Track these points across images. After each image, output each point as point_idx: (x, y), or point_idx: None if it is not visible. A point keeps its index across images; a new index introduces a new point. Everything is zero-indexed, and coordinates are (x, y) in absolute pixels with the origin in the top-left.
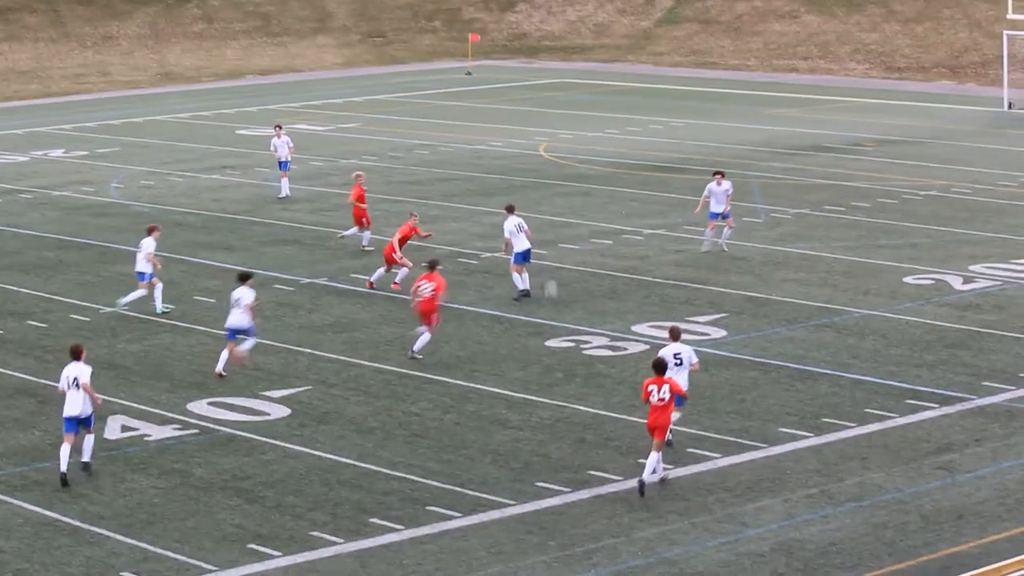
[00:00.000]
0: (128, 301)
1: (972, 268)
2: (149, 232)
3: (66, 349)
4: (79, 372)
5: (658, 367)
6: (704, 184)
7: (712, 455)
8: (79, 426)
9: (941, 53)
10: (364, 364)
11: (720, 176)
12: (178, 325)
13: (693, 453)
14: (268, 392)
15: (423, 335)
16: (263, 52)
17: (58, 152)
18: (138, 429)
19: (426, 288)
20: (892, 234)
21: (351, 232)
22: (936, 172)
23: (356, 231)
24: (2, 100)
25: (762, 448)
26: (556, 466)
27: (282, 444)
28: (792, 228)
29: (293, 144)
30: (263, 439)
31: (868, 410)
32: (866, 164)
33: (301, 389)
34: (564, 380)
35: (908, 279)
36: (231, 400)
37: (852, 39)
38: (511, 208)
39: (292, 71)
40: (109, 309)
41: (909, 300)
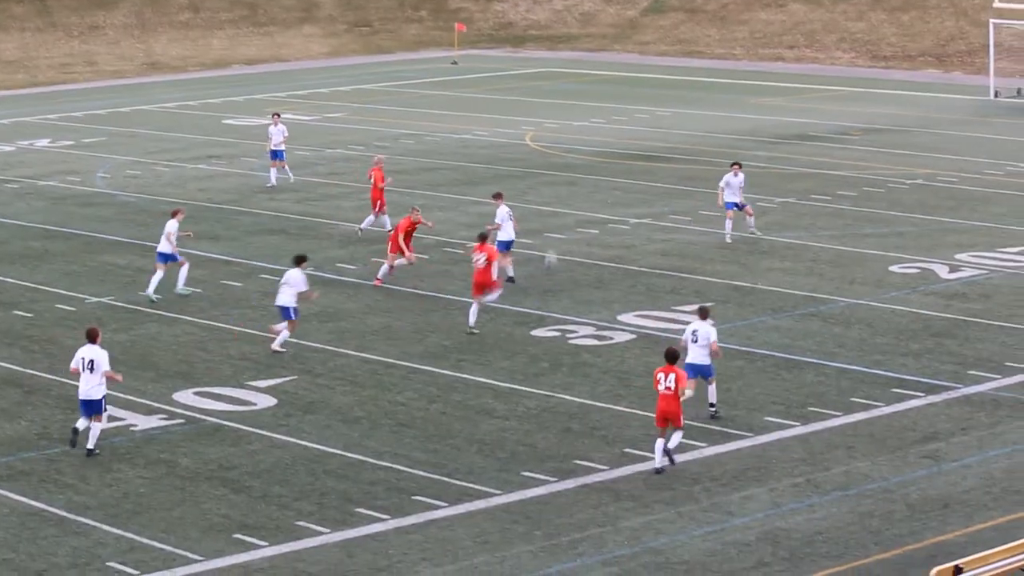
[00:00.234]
0: (183, 286)
1: (958, 257)
2: (173, 215)
3: (51, 339)
4: (95, 355)
5: (668, 356)
6: (685, 172)
7: (698, 444)
8: (89, 409)
9: (927, 41)
10: (350, 354)
11: (737, 167)
12: (164, 315)
13: (679, 442)
14: (254, 382)
15: (491, 296)
16: (249, 42)
17: (44, 142)
18: (124, 419)
19: (480, 260)
20: (878, 223)
21: (372, 220)
22: (922, 161)
23: (372, 219)
24: None
25: (748, 437)
26: (542, 455)
27: (268, 434)
28: (778, 217)
29: (288, 133)
30: (249, 429)
31: (854, 399)
32: (852, 153)
33: (287, 379)
34: (550, 370)
35: (894, 268)
36: (217, 390)
37: (838, 28)
38: (500, 196)
39: (278, 60)
40: (95, 299)
41: (895, 289)
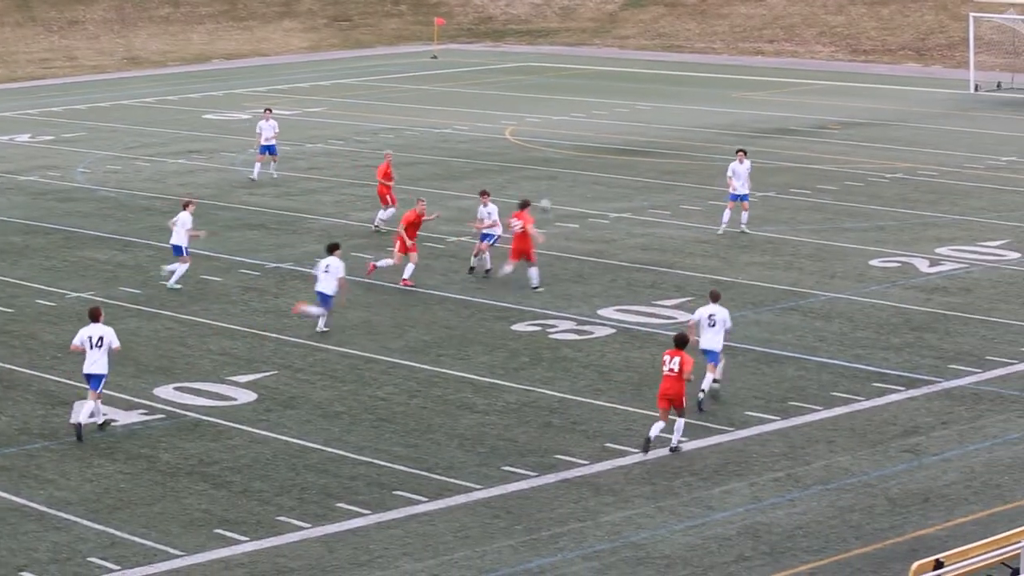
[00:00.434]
0: (174, 277)
1: (938, 251)
2: (184, 207)
3: (31, 335)
4: (103, 332)
5: (678, 341)
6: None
7: (679, 438)
8: (97, 383)
9: (907, 35)
10: (330, 349)
11: (742, 154)
12: (144, 310)
13: (659, 437)
14: (234, 377)
15: (531, 271)
16: (229, 36)
17: (24, 137)
18: (105, 414)
19: (516, 225)
20: (858, 217)
21: (387, 215)
22: (902, 155)
23: (392, 211)
24: None
25: (728, 432)
26: (522, 450)
27: (248, 429)
28: (758, 211)
29: (279, 129)
30: (229, 424)
31: (834, 393)
32: (832, 147)
33: (267, 374)
34: (530, 364)
35: (874, 262)
36: (197, 385)
37: (818, 22)
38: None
39: (258, 55)
40: (75, 294)
41: (875, 283)
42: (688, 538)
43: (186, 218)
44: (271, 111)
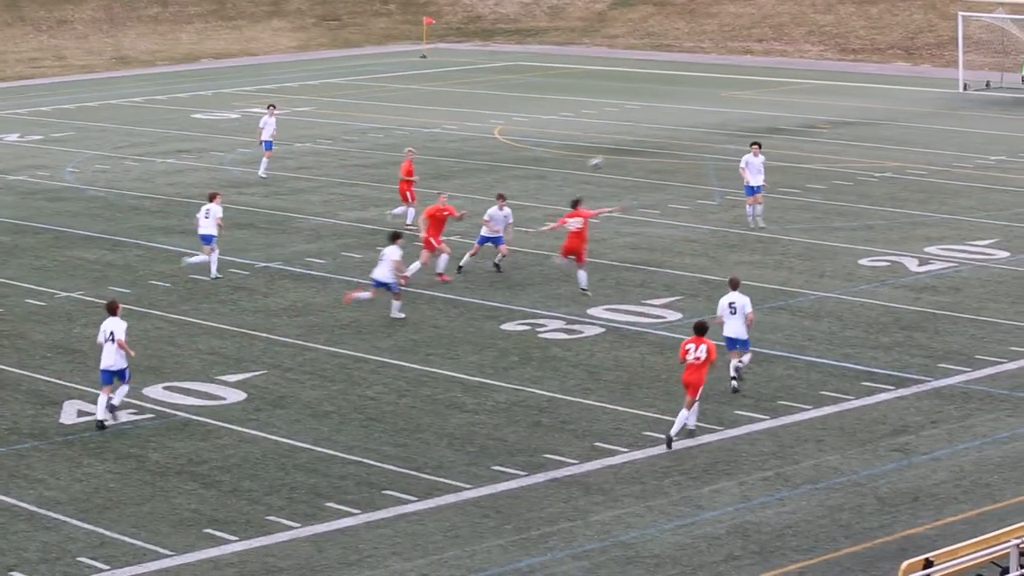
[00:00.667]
0: (213, 267)
1: (927, 250)
2: (211, 199)
3: (21, 334)
4: (115, 327)
5: (698, 328)
6: (654, 166)
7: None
8: (113, 377)
9: (896, 34)
10: (319, 348)
11: (756, 147)
12: (134, 310)
13: (649, 436)
14: (223, 376)
15: (580, 273)
16: (218, 36)
17: (13, 136)
18: (94, 414)
19: (573, 223)
20: (847, 216)
21: (400, 210)
22: (891, 154)
23: (404, 209)
24: None
25: (718, 431)
26: (512, 450)
27: (238, 428)
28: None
29: (276, 129)
30: (219, 423)
31: (824, 392)
32: (821, 146)
33: (257, 373)
34: (519, 363)
35: (863, 261)
36: (186, 385)
37: (807, 21)
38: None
39: (247, 55)
40: (64, 294)
41: (864, 282)
42: (677, 537)
43: (216, 209)
44: (275, 107)
